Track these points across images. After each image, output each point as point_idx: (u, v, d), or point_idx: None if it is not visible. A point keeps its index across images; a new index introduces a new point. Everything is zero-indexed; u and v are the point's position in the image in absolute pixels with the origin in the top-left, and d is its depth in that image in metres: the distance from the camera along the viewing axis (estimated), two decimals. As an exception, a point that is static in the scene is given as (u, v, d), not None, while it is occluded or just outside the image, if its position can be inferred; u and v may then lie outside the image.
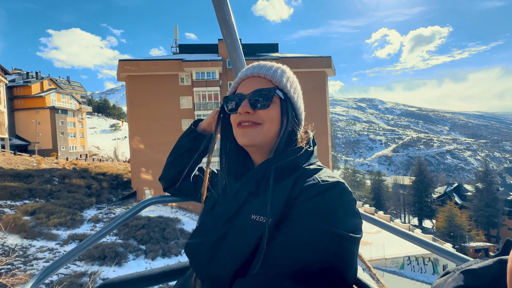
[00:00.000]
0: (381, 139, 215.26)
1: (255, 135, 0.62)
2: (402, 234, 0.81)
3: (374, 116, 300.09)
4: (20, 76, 50.90)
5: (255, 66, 0.68)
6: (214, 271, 0.55)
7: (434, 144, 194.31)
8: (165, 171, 0.90)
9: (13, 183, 17.30)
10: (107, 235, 0.87)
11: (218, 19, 0.93)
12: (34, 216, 13.38)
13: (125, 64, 22.53)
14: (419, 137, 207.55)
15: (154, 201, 0.94)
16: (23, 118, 45.12)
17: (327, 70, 25.03)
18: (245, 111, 0.63)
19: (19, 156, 26.49)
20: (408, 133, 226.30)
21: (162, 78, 23.51)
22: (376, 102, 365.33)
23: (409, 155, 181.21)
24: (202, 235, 0.61)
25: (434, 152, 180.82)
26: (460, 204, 41.74)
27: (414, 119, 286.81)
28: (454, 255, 0.69)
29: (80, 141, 51.38)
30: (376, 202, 49.33)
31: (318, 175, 0.56)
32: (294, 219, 0.51)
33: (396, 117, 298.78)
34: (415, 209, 45.49)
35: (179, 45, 26.70)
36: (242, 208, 0.58)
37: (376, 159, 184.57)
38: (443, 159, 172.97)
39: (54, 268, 0.76)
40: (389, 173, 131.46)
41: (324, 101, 25.01)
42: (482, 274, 0.31)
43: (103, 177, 26.64)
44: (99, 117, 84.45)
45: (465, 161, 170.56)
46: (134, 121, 23.55)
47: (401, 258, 21.77)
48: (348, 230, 0.48)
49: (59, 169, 24.61)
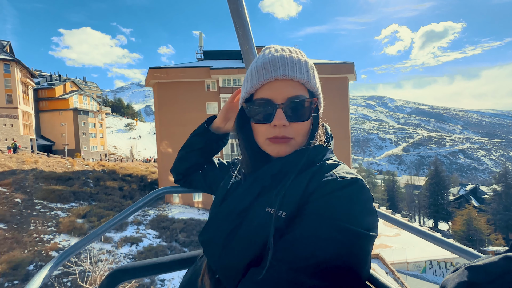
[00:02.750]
0: (391, 138, 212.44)
1: (287, 149, 0.60)
2: (422, 234, 0.80)
3: (384, 114, 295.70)
4: (44, 79, 52.90)
5: (284, 64, 0.58)
6: (227, 261, 0.55)
7: (446, 143, 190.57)
8: (176, 164, 0.91)
9: (58, 186, 18.52)
10: (122, 221, 0.90)
11: (230, 10, 0.92)
12: (86, 219, 14.49)
13: (155, 71, 23.50)
14: (430, 136, 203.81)
15: (166, 191, 0.97)
16: (48, 119, 47.09)
17: (349, 75, 25.40)
18: (282, 124, 0.57)
19: (53, 158, 27.95)
20: (419, 132, 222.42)
21: (189, 84, 24.38)
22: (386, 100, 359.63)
23: (420, 155, 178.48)
24: (215, 226, 0.61)
25: (446, 152, 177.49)
26: (478, 207, 41.44)
27: (425, 118, 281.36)
28: (475, 255, 0.68)
29: (100, 141, 53.15)
30: (391, 204, 49.32)
31: (336, 170, 0.55)
32: (310, 214, 0.50)
33: (407, 115, 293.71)
34: (430, 211, 45.31)
35: (204, 51, 27.54)
36: (256, 201, 0.58)
37: (385, 158, 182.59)
38: (455, 158, 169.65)
39: (68, 254, 0.79)
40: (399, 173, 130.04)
41: (346, 107, 25.42)
42: (487, 271, 0.31)
43: (130, 179, 27.84)
44: (114, 117, 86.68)
45: (479, 161, 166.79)
46: (162, 126, 24.54)
47: (423, 262, 22.13)
48: (364, 228, 0.48)
49: (90, 171, 25.91)
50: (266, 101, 0.58)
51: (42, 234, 11.78)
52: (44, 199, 16.10)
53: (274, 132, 0.59)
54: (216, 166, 0.87)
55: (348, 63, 25.07)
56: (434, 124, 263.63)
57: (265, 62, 0.59)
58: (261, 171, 0.61)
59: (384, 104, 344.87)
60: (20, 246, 10.51)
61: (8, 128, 33.50)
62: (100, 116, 54.26)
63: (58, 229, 12.57)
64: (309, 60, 0.62)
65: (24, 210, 14.03)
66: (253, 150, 0.64)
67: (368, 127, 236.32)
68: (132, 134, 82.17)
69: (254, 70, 0.61)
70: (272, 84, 0.58)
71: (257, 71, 0.60)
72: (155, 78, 23.62)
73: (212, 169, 0.86)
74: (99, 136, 52.75)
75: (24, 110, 38.27)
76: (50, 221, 13.54)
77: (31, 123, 40.71)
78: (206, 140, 0.85)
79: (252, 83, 0.61)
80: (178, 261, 0.92)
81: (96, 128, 51.82)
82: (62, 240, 11.82)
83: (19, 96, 36.59)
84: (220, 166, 0.86)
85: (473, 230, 32.36)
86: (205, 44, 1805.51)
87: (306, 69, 0.59)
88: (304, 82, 0.59)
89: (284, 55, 0.59)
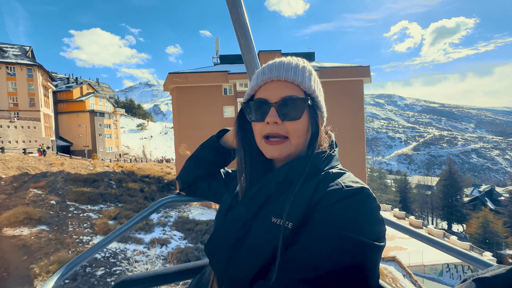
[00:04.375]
0: (400, 136, 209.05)
1: (284, 150, 0.60)
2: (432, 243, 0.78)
3: (393, 113, 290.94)
4: (61, 81, 54.65)
5: (280, 67, 0.62)
6: (233, 273, 0.55)
7: (458, 142, 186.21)
8: (182, 173, 0.91)
9: (86, 188, 19.45)
10: (129, 230, 0.91)
11: (232, 20, 0.94)
12: (116, 221, 15.27)
13: (174, 76, 24.18)
14: (441, 135, 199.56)
15: (171, 200, 0.97)
16: (66, 120, 48.73)
17: (365, 78, 25.47)
18: (274, 121, 0.59)
19: (75, 159, 29.11)
20: (430, 130, 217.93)
21: (206, 88, 24.96)
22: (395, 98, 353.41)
23: (431, 154, 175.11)
24: (221, 236, 0.60)
25: (458, 151, 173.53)
26: (493, 209, 40.73)
27: (436, 116, 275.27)
28: (485, 263, 0.67)
29: (115, 141, 54.63)
30: (403, 205, 48.91)
31: (342, 179, 0.54)
32: (316, 224, 0.49)
33: (417, 114, 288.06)
34: (444, 213, 44.76)
35: (220, 56, 28.10)
36: (262, 210, 0.58)
37: (395, 157, 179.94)
38: (468, 158, 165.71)
39: (77, 263, 0.79)
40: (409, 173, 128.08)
41: (361, 109, 25.50)
42: (493, 283, 0.31)
43: (148, 180, 28.70)
44: (125, 117, 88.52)
45: (492, 160, 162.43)
46: (180, 129, 25.23)
47: (439, 265, 22.15)
48: (371, 238, 0.47)
49: (111, 172, 26.87)
50: (262, 100, 0.62)
51: (81, 236, 12.56)
52: (76, 201, 16.99)
53: (267, 130, 0.61)
54: (222, 175, 0.87)
55: (364, 66, 25.14)
56: (445, 122, 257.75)
57: (264, 67, 0.65)
58: (266, 178, 0.61)
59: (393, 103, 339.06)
60: (64, 247, 11.28)
61: (31, 130, 34.97)
62: (115, 117, 55.72)
63: (93, 231, 13.34)
64: (308, 66, 0.65)
65: (60, 212, 14.89)
66: (253, 160, 0.67)
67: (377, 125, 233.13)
68: (144, 134, 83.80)
69: (256, 74, 0.67)
70: (268, 85, 0.62)
71: (258, 75, 0.65)
72: (174, 83, 24.31)
73: (217, 178, 0.87)
74: (114, 136, 54.23)
75: (45, 112, 39.82)
76: (85, 222, 14.36)
77: (51, 125, 42.30)
78: (215, 153, 0.84)
79: (252, 85, 0.66)
80: (184, 271, 0.94)
81: (111, 129, 53.29)
82: (99, 241, 12.55)
83: (41, 99, 38.10)
84: (225, 176, 0.87)
85: (489, 233, 31.94)
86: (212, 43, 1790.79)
87: (302, 72, 0.62)
88: (298, 83, 0.61)
89: (283, 61, 0.63)
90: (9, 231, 11.65)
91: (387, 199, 45.30)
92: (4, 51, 36.29)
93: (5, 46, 37.48)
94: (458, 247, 0.72)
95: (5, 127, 31.56)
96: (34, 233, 11.79)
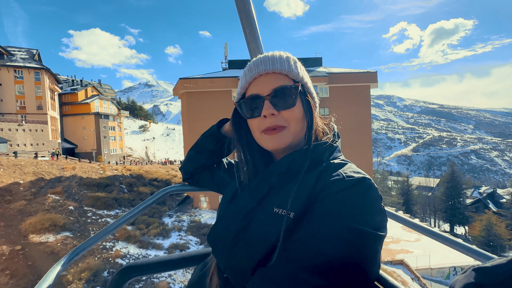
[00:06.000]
0: (400, 137, 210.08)
1: (283, 139, 0.61)
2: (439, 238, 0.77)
3: (392, 114, 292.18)
4: (66, 84, 54.79)
5: (266, 61, 0.63)
6: (236, 261, 0.56)
7: (457, 143, 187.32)
8: (185, 163, 0.93)
9: (100, 193, 19.70)
10: (130, 220, 0.92)
11: (237, 8, 0.93)
12: (135, 226, 15.55)
13: (185, 82, 24.50)
14: (441, 136, 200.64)
15: (174, 189, 0.97)
16: (70, 123, 48.91)
17: (372, 84, 25.88)
18: (271, 113, 0.60)
19: (84, 163, 29.33)
20: (429, 131, 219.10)
21: (215, 94, 25.29)
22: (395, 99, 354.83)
23: (430, 155, 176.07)
24: (224, 226, 0.61)
25: (457, 152, 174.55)
26: (496, 211, 41.21)
27: (435, 117, 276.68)
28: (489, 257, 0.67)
29: (119, 143, 54.80)
30: (406, 207, 49.33)
31: (343, 170, 0.55)
32: (317, 214, 0.50)
33: (416, 115, 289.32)
34: (446, 215, 45.18)
35: (229, 61, 28.45)
36: (264, 201, 0.59)
37: (394, 158, 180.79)
38: (467, 159, 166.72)
39: (80, 251, 0.80)
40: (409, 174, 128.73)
41: (368, 115, 25.90)
42: (494, 272, 0.31)
43: (157, 183, 28.95)
44: (127, 118, 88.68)
45: (491, 161, 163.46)
46: (190, 133, 25.53)
47: (446, 268, 22.50)
48: (372, 228, 0.48)
49: (120, 176, 27.12)
50: (254, 96, 0.63)
51: (104, 242, 12.83)
52: (92, 206, 17.25)
53: (265, 123, 0.61)
54: (225, 166, 0.88)
55: (372, 72, 25.57)
56: (444, 123, 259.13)
57: (250, 64, 0.66)
58: (268, 170, 0.62)
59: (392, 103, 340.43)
60: (89, 253, 11.56)
61: (39, 133, 35.17)
62: (119, 120, 55.90)
63: (115, 237, 13.61)
64: (292, 56, 0.66)
65: (79, 217, 15.16)
66: (253, 153, 0.68)
67: (376, 126, 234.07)
68: (146, 136, 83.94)
69: (243, 73, 0.67)
70: (257, 80, 0.63)
71: (245, 73, 0.66)
72: (184, 88, 24.62)
73: (220, 169, 0.88)
74: (118, 139, 54.40)
75: (52, 115, 40.00)
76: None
77: (57, 127, 42.47)
78: (217, 142, 0.86)
79: (241, 84, 0.66)
80: (187, 258, 0.94)
81: (115, 131, 53.45)
82: (121, 248, 12.83)
83: (48, 102, 38.29)
84: (228, 166, 0.88)
85: (493, 236, 32.36)
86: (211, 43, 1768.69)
87: (287, 61, 0.63)
88: (287, 73, 0.62)
89: (267, 55, 0.65)
90: (35, 237, 11.92)
91: (391, 201, 45.64)
92: (12, 55, 36.49)
93: (12, 50, 37.67)
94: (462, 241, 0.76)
95: (14, 131, 31.77)
96: (60, 240, 12.06)
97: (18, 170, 18.59)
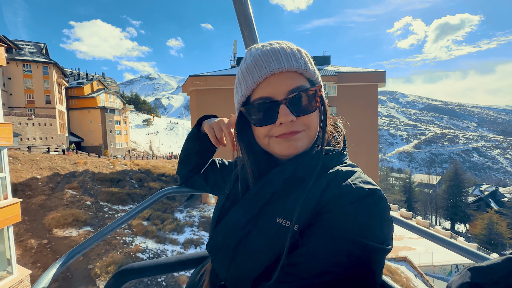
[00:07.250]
0: (402, 134, 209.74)
1: (302, 144, 0.54)
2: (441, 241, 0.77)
3: (395, 110, 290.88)
4: (72, 77, 54.92)
5: (277, 56, 0.53)
6: (237, 273, 0.53)
7: (459, 141, 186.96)
8: (179, 167, 0.93)
9: (113, 188, 20.22)
10: (127, 221, 0.91)
11: (236, 10, 0.92)
12: (150, 222, 16.08)
13: (195, 79, 24.73)
14: (443, 133, 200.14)
15: (171, 192, 0.97)
16: (77, 116, 49.27)
17: (380, 83, 26.02)
18: (290, 120, 0.52)
19: (94, 157, 29.82)
20: (432, 128, 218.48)
21: (224, 91, 25.53)
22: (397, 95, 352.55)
23: (432, 152, 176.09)
24: (223, 235, 0.57)
25: (459, 150, 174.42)
26: (497, 210, 41.70)
27: (438, 114, 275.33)
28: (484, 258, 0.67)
29: (124, 137, 55.25)
30: (408, 205, 49.88)
31: (352, 180, 0.50)
32: (324, 227, 0.47)
33: (419, 111, 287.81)
34: (448, 213, 45.72)
35: (237, 58, 28.57)
36: (266, 208, 0.54)
37: (396, 155, 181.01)
38: (468, 157, 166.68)
39: (77, 252, 0.79)
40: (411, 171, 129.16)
41: (375, 114, 26.13)
42: (489, 272, 0.31)
43: (165, 178, 29.46)
44: (132, 112, 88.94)
45: (493, 159, 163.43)
46: (199, 130, 25.91)
47: (449, 265, 23.10)
48: (381, 241, 0.45)
49: (130, 171, 27.62)
50: (266, 99, 0.54)
51: (124, 237, 13.36)
52: (108, 201, 17.77)
53: (280, 130, 0.54)
54: (217, 166, 0.87)
55: (380, 72, 25.67)
56: (447, 120, 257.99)
57: (256, 58, 0.55)
58: (272, 174, 0.57)
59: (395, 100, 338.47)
60: (112, 248, 12.09)
61: (47, 127, 35.60)
62: (124, 114, 56.20)
63: (133, 232, 14.14)
64: (303, 50, 0.57)
65: (97, 212, 15.68)
66: (256, 155, 0.61)
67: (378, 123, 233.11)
68: (150, 130, 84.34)
69: (245, 70, 0.56)
70: (269, 80, 0.54)
71: (249, 70, 0.55)
72: (194, 85, 24.86)
73: (213, 170, 0.87)
74: (123, 133, 54.82)
75: (60, 109, 40.35)
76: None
77: (65, 121, 42.87)
78: (200, 141, 0.85)
79: (246, 84, 0.56)
80: (184, 261, 0.94)
81: (120, 125, 53.81)
82: (141, 243, 13.35)
83: (56, 96, 38.59)
84: (221, 167, 0.87)
85: (494, 235, 32.88)
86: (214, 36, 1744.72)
87: (301, 57, 0.55)
88: (303, 71, 0.54)
89: (274, 47, 0.55)
90: (59, 232, 12.44)
91: (394, 199, 46.18)
92: (20, 49, 36.59)
93: (20, 44, 37.77)
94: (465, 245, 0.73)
95: (24, 125, 32.20)
96: (82, 234, 12.59)
97: (35, 165, 19.07)
